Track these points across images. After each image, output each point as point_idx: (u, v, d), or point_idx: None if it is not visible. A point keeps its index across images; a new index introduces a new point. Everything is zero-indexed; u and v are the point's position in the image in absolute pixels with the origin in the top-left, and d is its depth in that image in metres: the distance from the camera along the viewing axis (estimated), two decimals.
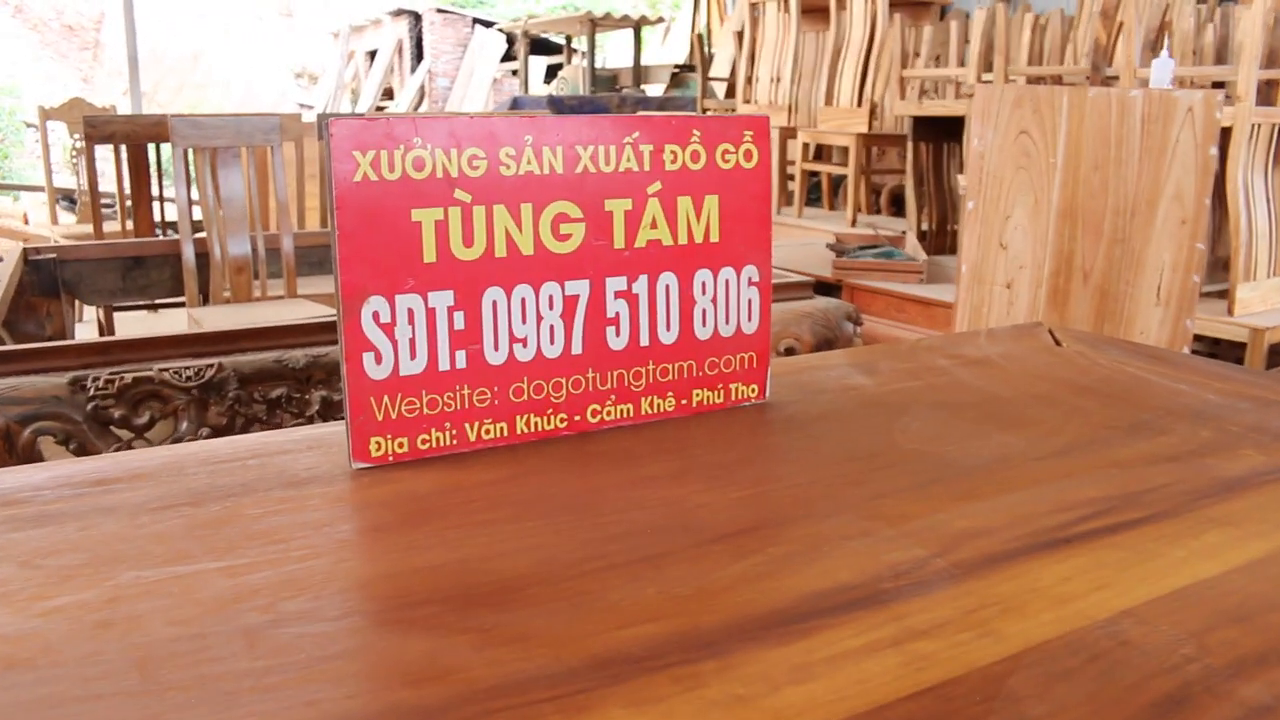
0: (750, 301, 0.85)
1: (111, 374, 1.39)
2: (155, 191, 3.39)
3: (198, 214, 2.81)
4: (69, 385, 1.37)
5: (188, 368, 1.41)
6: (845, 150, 4.98)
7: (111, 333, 2.98)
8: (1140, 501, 0.67)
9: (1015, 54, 3.78)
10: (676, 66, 11.99)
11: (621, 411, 0.80)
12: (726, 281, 0.84)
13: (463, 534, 0.61)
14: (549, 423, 0.77)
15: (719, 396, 0.85)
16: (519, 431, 0.76)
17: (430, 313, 0.71)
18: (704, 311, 0.83)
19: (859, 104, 4.94)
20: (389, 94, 16.66)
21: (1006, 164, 1.66)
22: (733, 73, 6.42)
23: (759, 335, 0.86)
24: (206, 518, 0.63)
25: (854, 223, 4.78)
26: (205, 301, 2.72)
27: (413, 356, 0.71)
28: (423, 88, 15.95)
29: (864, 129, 4.85)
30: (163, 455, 0.74)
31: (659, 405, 0.82)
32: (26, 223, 9.13)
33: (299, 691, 0.44)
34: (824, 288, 3.02)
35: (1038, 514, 0.65)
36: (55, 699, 0.43)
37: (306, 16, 21.08)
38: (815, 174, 5.83)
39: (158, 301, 3.11)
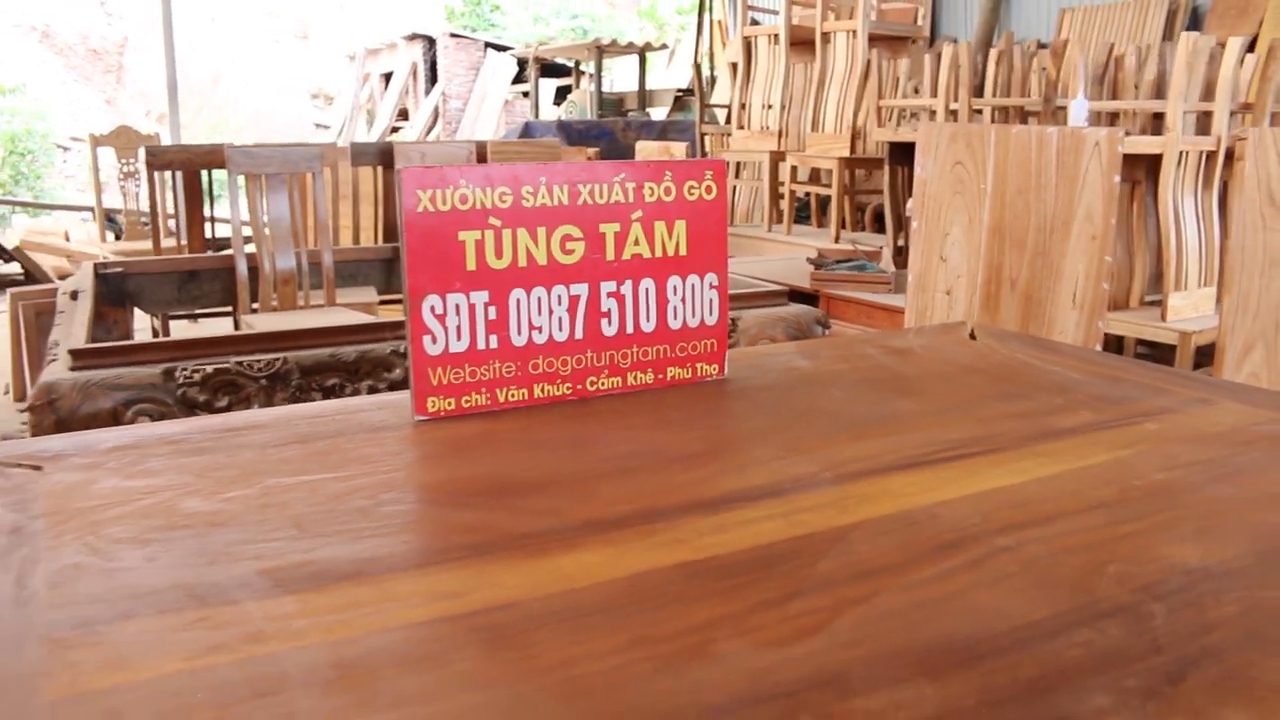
0: (711, 300, 1.08)
1: (196, 365, 1.62)
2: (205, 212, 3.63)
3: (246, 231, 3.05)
4: (162, 375, 1.60)
5: (258, 361, 1.64)
6: (831, 172, 5.22)
7: (167, 337, 3.23)
8: (984, 442, 0.90)
9: (983, 85, 4.02)
10: (679, 91, 12.24)
11: (612, 382, 1.03)
12: (693, 285, 1.06)
13: (496, 458, 0.84)
14: (558, 389, 1.00)
15: (687, 372, 1.08)
16: (536, 396, 0.99)
17: (471, 307, 0.95)
18: (675, 308, 1.06)
19: (842, 130, 5.18)
20: (404, 115, 16.87)
21: (945, 190, 1.89)
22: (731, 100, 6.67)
23: (719, 326, 1.09)
24: (315, 450, 0.86)
25: (837, 239, 5.02)
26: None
27: (458, 339, 0.95)
28: (437, 109, 16.14)
29: (846, 153, 5.09)
30: (272, 413, 0.98)
31: (641, 378, 1.05)
32: (68, 240, 9.41)
33: (398, 538, 0.67)
34: (804, 297, 3.25)
35: (906, 448, 0.87)
36: (247, 540, 0.66)
37: (322, 39, 21.16)
38: (806, 194, 6.08)
39: (207, 310, 3.34)
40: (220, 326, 3.54)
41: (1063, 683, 0.49)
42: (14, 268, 8.31)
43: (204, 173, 3.53)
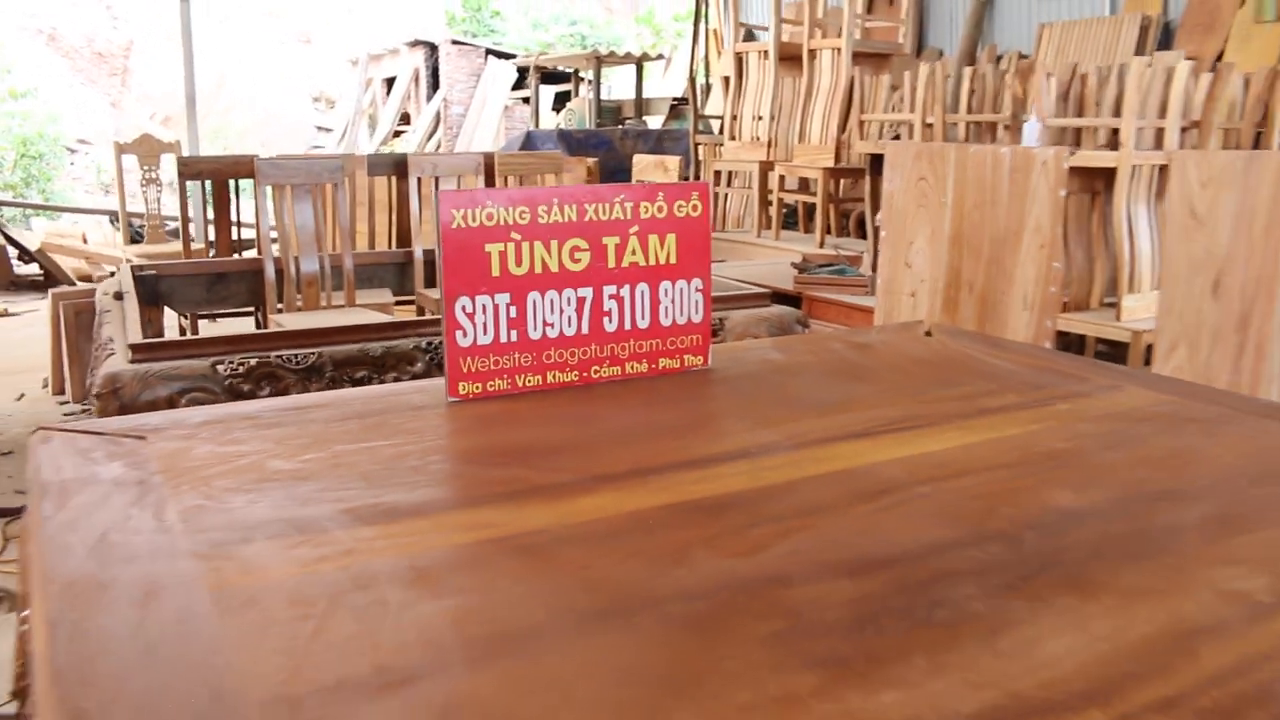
0: (696, 302, 1.24)
1: (241, 359, 1.78)
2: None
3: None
4: (210, 366, 1.76)
5: (296, 355, 1.80)
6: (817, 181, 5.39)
7: (195, 335, 3.39)
8: (921, 418, 1.06)
9: (958, 100, 4.19)
10: (675, 100, 12.39)
11: (613, 371, 1.20)
12: (681, 289, 1.23)
13: (517, 431, 1.00)
14: (567, 376, 1.17)
15: (676, 363, 1.24)
16: (548, 381, 1.15)
17: (496, 307, 1.11)
18: (666, 308, 1.22)
19: (827, 142, 5.36)
20: (406, 120, 16.96)
21: (910, 203, 2.06)
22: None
23: (703, 324, 1.26)
24: (370, 424, 1.02)
25: (822, 244, 5.20)
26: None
27: (485, 334, 1.11)
28: (438, 115, 16.22)
29: (831, 164, 5.27)
30: (330, 395, 1.14)
31: (636, 367, 1.21)
32: (85, 242, 9.56)
33: (445, 487, 0.83)
34: (788, 299, 3.41)
35: (855, 423, 1.04)
36: (327, 489, 0.82)
37: (325, 44, 21.02)
38: (794, 201, 6.25)
39: (230, 310, 3.50)
40: (243, 325, 3.70)
41: (946, 581, 0.66)
42: (32, 268, 8.46)
43: (232, 181, 3.70)
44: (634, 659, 0.56)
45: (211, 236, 3.98)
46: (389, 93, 17.45)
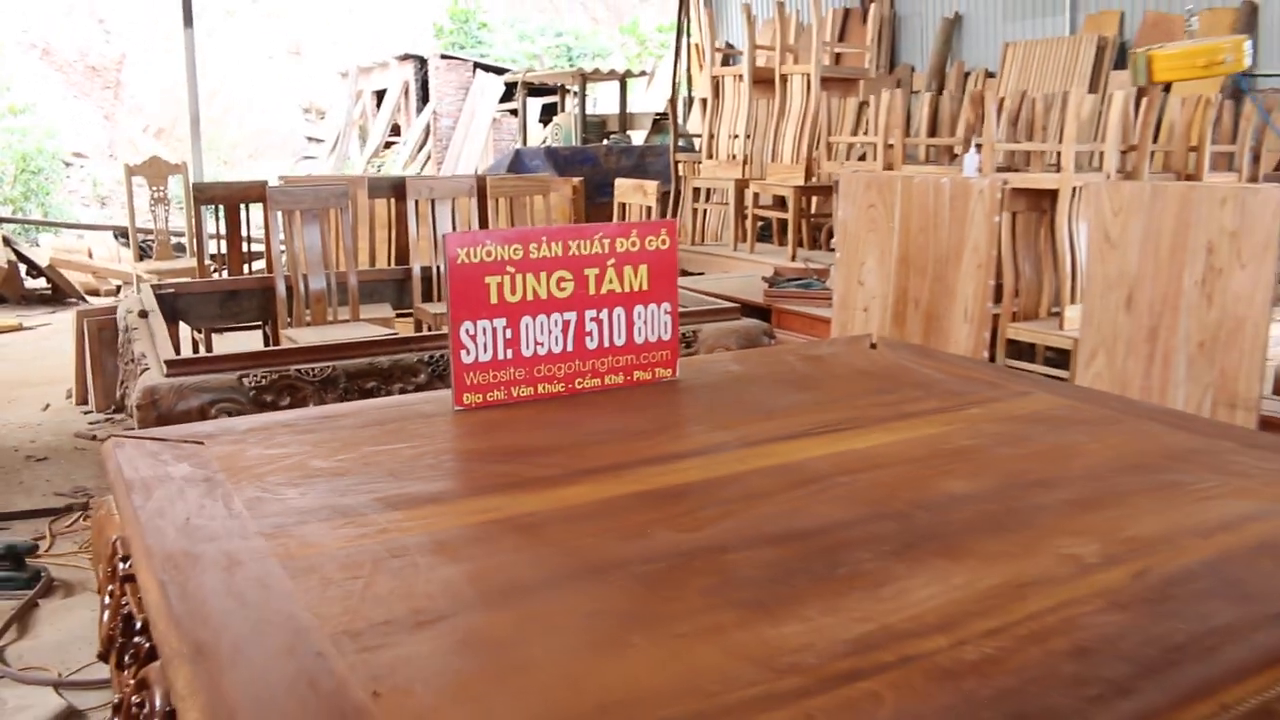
0: (665, 322, 1.41)
1: (264, 372, 1.94)
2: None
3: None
4: (237, 379, 1.92)
5: (313, 368, 1.97)
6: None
7: (209, 349, 3.55)
8: (851, 421, 1.24)
9: (919, 125, 4.39)
10: (657, 115, 12.55)
11: (594, 383, 1.36)
12: (652, 311, 1.40)
13: (514, 434, 1.17)
14: (555, 388, 1.33)
15: (649, 375, 1.41)
16: (539, 392, 1.32)
17: (494, 329, 1.28)
18: (639, 328, 1.39)
19: (798, 161, 5.56)
20: (396, 131, 17.03)
21: (861, 228, 2.24)
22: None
23: (671, 341, 1.43)
24: (389, 430, 1.19)
25: (793, 257, 5.39)
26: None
27: (485, 352, 1.28)
28: (428, 127, 16.29)
29: (801, 182, 5.47)
30: (352, 406, 1.31)
31: (614, 380, 1.38)
32: (91, 257, 9.69)
33: (457, 480, 1.00)
34: (758, 312, 3.58)
35: (794, 426, 1.21)
36: (361, 483, 0.99)
37: (314, 56, 20.87)
38: (768, 216, 6.45)
39: (241, 325, 3.66)
40: (253, 339, 3.85)
41: (847, 548, 0.83)
42: (40, 283, 8.56)
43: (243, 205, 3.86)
44: (604, 604, 0.74)
45: (214, 250, 4.16)
46: (379, 105, 17.49)
